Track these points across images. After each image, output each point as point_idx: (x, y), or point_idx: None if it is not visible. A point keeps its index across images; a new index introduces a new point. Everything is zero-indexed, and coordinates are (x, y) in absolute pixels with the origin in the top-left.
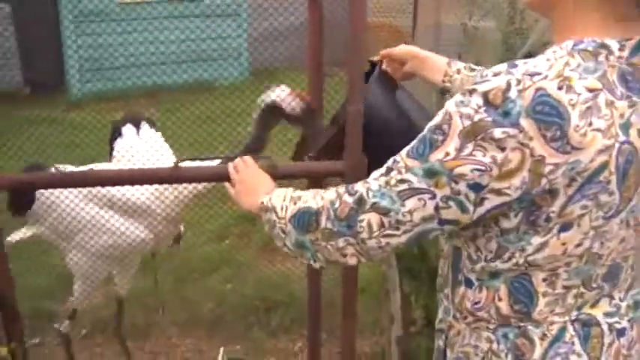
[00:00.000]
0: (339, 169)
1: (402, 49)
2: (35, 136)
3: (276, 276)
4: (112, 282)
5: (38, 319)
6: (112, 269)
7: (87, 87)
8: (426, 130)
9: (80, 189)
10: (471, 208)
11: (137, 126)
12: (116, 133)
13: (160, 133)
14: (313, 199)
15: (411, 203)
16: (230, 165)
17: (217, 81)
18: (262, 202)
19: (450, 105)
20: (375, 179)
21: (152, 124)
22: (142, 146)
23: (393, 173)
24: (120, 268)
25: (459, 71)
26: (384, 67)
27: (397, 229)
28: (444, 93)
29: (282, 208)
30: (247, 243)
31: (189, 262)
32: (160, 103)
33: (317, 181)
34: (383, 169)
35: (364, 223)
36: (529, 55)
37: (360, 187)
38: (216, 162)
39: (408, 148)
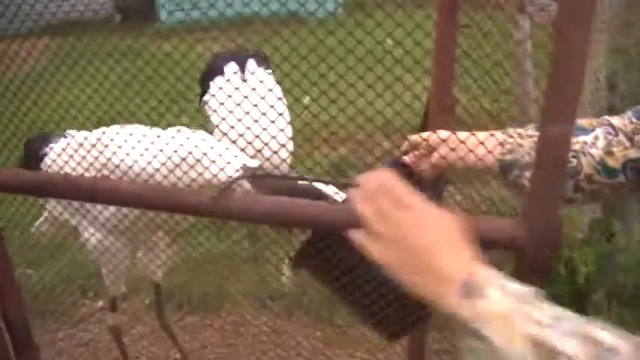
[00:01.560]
0: (514, 238)
1: (433, 135)
2: (123, 66)
3: None
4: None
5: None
6: (131, 248)
7: (175, 16)
8: None
9: (84, 157)
10: None
11: (242, 65)
12: (214, 72)
13: (270, 73)
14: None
15: None
16: (358, 199)
17: (311, 15)
18: (466, 309)
19: None
20: None
21: (262, 62)
22: (247, 93)
23: None
24: (142, 247)
25: (521, 136)
26: (406, 159)
27: None
28: (506, 172)
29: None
30: None
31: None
32: (250, 34)
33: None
34: None
35: None
36: None
37: None
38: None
39: None
